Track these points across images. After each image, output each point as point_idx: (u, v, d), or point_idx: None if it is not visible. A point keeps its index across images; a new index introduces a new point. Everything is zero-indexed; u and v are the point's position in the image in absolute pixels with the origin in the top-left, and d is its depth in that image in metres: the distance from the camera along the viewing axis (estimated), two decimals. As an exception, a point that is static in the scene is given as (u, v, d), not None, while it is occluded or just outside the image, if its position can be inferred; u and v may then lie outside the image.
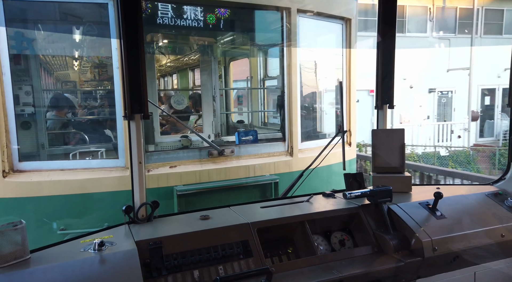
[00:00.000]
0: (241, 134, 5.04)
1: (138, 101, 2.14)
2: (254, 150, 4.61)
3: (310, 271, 2.00)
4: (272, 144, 4.81)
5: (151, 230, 2.06)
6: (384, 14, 2.78)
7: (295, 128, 4.79)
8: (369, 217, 2.36)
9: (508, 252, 2.47)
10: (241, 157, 4.47)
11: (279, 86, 5.05)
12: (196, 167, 4.14)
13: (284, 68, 4.75)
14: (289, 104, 4.77)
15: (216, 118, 5.97)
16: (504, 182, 2.89)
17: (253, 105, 7.86)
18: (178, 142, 5.00)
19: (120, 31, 2.06)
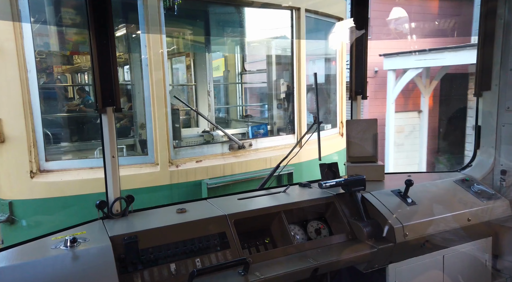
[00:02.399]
0: (253, 128, 5.27)
1: (110, 94, 2.09)
2: (268, 143, 4.78)
3: (287, 260, 2.03)
4: (282, 137, 5.02)
5: (126, 225, 2.03)
6: (357, 10, 2.83)
7: (303, 121, 4.99)
8: (344, 205, 2.41)
9: (474, 235, 2.60)
10: (258, 150, 4.69)
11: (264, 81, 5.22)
12: (220, 161, 4.29)
13: (294, 63, 4.90)
14: (298, 98, 4.93)
15: (211, 112, 6.05)
16: (471, 169, 3.02)
17: (231, 99, 7.90)
18: (200, 137, 5.12)
19: (89, 22, 2.00)
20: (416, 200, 2.45)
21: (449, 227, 2.39)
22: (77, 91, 7.94)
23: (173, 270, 1.83)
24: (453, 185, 2.72)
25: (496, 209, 2.58)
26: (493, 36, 2.82)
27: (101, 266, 1.67)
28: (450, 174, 2.98)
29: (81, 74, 11.20)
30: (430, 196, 2.55)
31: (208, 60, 6.48)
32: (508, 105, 2.81)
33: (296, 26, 4.81)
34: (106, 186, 2.15)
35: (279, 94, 5.38)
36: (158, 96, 3.80)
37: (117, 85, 2.13)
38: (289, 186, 2.64)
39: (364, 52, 2.87)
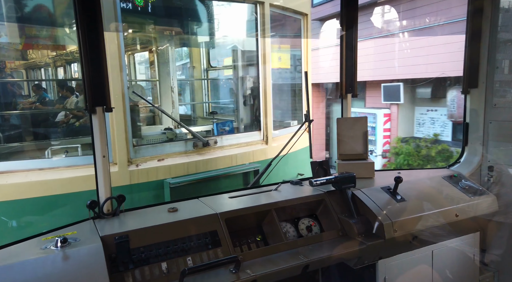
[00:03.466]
0: (219, 125, 5.16)
1: (100, 93, 2.08)
2: (234, 140, 4.70)
3: (278, 258, 2.05)
4: (248, 135, 4.93)
5: (117, 224, 2.03)
6: (346, 10, 2.85)
7: (269, 118, 4.92)
8: (334, 203, 2.44)
9: (462, 230, 2.64)
10: (224, 148, 4.56)
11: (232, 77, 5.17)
12: (183, 159, 4.16)
13: (259, 58, 4.81)
14: (264, 95, 4.85)
15: (175, 109, 5.89)
16: (459, 165, 3.07)
17: (197, 96, 7.81)
18: (162, 135, 5.00)
19: (78, 19, 1.98)
20: (405, 197, 2.48)
21: (438, 222, 2.43)
22: (33, 88, 7.69)
23: (164, 269, 1.84)
24: (442, 181, 2.76)
25: (483, 205, 2.63)
26: (480, 34, 2.87)
27: (92, 266, 1.67)
28: (438, 171, 3.02)
29: (37, 70, 10.86)
30: (419, 192, 2.59)
31: (172, 55, 6.29)
32: (495, 102, 2.86)
33: (261, 21, 4.73)
34: (97, 185, 2.14)
35: (245, 91, 5.33)
36: (115, 92, 3.64)
37: (108, 84, 2.12)
38: (281, 184, 2.66)
39: (354, 51, 2.89)
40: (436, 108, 10.33)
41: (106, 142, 2.15)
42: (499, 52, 2.80)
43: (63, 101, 6.67)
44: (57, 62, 9.57)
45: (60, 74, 10.27)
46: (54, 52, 8.19)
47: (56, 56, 8.74)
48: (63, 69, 9.97)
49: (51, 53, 8.55)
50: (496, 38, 2.80)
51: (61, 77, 10.13)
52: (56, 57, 8.89)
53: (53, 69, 10.05)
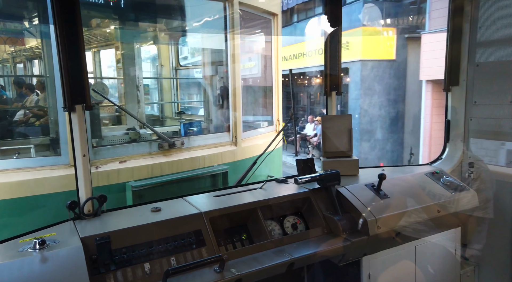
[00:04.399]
0: (186, 126, 4.97)
1: (80, 90, 2.02)
2: (202, 141, 4.55)
3: (263, 256, 2.04)
4: (218, 136, 4.79)
5: (98, 225, 1.98)
6: (330, 8, 2.85)
7: (239, 119, 4.78)
8: (319, 200, 2.44)
9: (444, 226, 2.69)
10: (191, 149, 4.40)
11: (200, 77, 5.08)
12: (148, 161, 3.98)
13: (228, 59, 4.68)
14: (233, 95, 4.71)
15: (141, 109, 5.64)
16: (441, 162, 3.12)
17: (165, 96, 7.60)
18: (125, 135, 4.70)
19: (55, 14, 1.92)
20: (389, 193, 2.51)
21: (420, 218, 2.47)
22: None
23: (147, 270, 1.80)
24: (424, 178, 2.81)
25: (464, 200, 2.69)
26: (461, 33, 2.92)
27: (72, 268, 1.63)
28: (421, 167, 3.07)
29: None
30: (402, 189, 2.62)
31: (138, 52, 6.05)
32: (475, 99, 2.92)
33: (230, 19, 4.61)
34: (77, 185, 2.08)
35: (215, 91, 5.23)
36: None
37: (87, 82, 2.06)
38: (266, 182, 2.65)
39: (338, 49, 2.90)
40: None
41: (86, 141, 2.10)
42: (479, 50, 2.85)
43: (22, 100, 6.38)
44: (16, 58, 9.18)
45: (20, 71, 9.86)
46: (12, 47, 7.85)
47: (15, 51, 8.41)
48: (23, 65, 9.60)
49: (9, 49, 8.20)
50: (476, 37, 2.85)
51: (21, 73, 9.71)
52: (15, 52, 8.56)
53: (12, 65, 9.67)
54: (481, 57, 2.86)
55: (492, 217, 2.80)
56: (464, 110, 2.98)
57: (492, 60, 2.79)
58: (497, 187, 2.79)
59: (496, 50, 2.76)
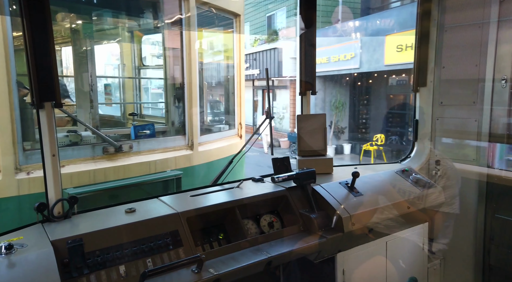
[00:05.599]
0: (137, 128, 4.69)
1: (49, 87, 1.93)
2: (154, 145, 4.32)
3: (240, 255, 2.04)
4: (172, 138, 4.58)
5: (69, 227, 1.91)
6: (305, 9, 2.89)
7: (195, 122, 4.59)
8: (296, 198, 2.47)
9: (413, 221, 2.81)
10: (141, 153, 4.14)
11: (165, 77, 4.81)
12: (90, 166, 3.67)
13: (184, 59, 4.52)
14: (189, 97, 4.54)
15: (94, 109, 5.31)
16: (410, 160, 3.25)
17: (127, 96, 7.33)
18: (65, 137, 4.34)
19: (22, 5, 1.82)
20: (362, 191, 2.58)
21: (391, 215, 2.56)
22: None
23: (122, 272, 1.75)
24: (394, 175, 2.91)
25: (431, 197, 2.81)
26: (428, 36, 3.05)
27: (42, 273, 1.55)
28: (392, 165, 3.18)
29: None
30: (374, 186, 2.71)
31: (90, 49, 5.61)
32: (441, 100, 3.06)
33: (185, 18, 4.46)
34: (46, 187, 1.99)
35: (172, 91, 5.05)
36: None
37: (57, 78, 1.97)
38: (242, 181, 2.65)
39: (313, 50, 2.95)
40: None
41: (55, 140, 2.01)
42: (445, 53, 2.99)
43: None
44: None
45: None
46: None
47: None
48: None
49: None
50: (443, 40, 2.99)
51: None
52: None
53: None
54: (447, 59, 3.00)
55: (457, 212, 2.95)
56: (431, 110, 3.12)
57: (457, 63, 2.94)
58: (462, 184, 2.94)
59: (461, 53, 2.91)
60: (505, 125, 2.71)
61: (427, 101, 3.13)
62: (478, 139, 2.86)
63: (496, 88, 2.73)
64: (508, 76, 2.66)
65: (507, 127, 2.70)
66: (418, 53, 3.10)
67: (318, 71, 5.87)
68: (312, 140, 2.93)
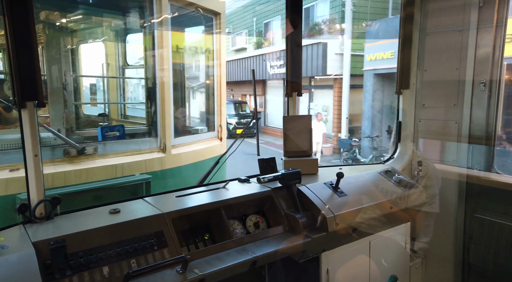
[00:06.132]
0: (105, 130, 4.43)
1: (31, 86, 1.90)
2: (121, 147, 4.11)
3: (226, 255, 2.05)
4: (143, 141, 4.39)
5: (52, 228, 1.88)
6: (291, 10, 2.92)
7: (168, 123, 4.37)
8: (281, 198, 2.50)
9: (395, 221, 2.86)
10: (107, 156, 3.91)
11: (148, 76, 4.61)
12: (48, 169, 3.43)
13: (155, 57, 4.30)
14: (161, 97, 4.32)
15: (68, 109, 5.08)
16: (393, 161, 3.32)
17: (111, 96, 7.15)
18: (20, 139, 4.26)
19: (3, 3, 1.79)
20: (346, 191, 2.62)
21: (375, 214, 2.61)
22: None
23: (106, 274, 1.74)
24: (378, 176, 2.97)
25: (413, 197, 2.88)
26: (411, 40, 3.12)
27: (23, 274, 1.53)
28: (375, 166, 3.24)
29: None
30: (358, 187, 2.75)
31: (64, 46, 5.39)
32: (423, 102, 3.14)
33: (157, 15, 4.23)
34: (28, 187, 1.96)
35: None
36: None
37: (39, 77, 1.95)
38: (228, 182, 2.66)
39: (299, 51, 2.98)
40: None
41: (38, 140, 1.98)
42: (427, 56, 3.07)
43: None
44: None
45: None
46: None
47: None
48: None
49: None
50: (425, 44, 3.06)
51: None
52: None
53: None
54: (429, 62, 3.07)
55: (438, 212, 3.02)
56: (414, 112, 3.19)
57: (439, 66, 3.02)
58: (443, 184, 3.02)
59: (442, 57, 2.99)
60: (483, 127, 2.79)
61: (410, 103, 3.20)
62: (458, 141, 2.94)
63: (475, 91, 2.81)
64: (486, 79, 2.75)
65: (485, 129, 2.78)
66: (401, 56, 3.17)
67: (377, 68, 5.29)
68: (298, 140, 2.96)
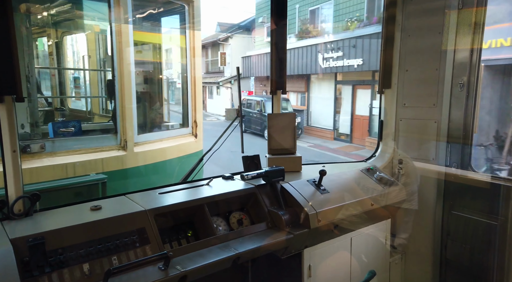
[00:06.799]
0: (57, 125, 4.10)
1: (9, 79, 1.86)
2: (75, 144, 3.81)
3: (208, 252, 2.05)
4: (100, 137, 4.08)
5: (30, 225, 1.85)
6: (276, 8, 2.93)
7: (130, 118, 4.09)
8: (265, 196, 2.52)
9: (376, 218, 2.93)
10: (56, 154, 3.59)
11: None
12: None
13: (114, 48, 4.00)
14: (121, 90, 4.03)
15: (32, 103, 4.70)
16: (375, 159, 3.38)
17: (93, 89, 6.90)
18: None
19: None
20: (329, 188, 2.66)
21: (356, 211, 2.65)
22: None
23: (86, 271, 1.72)
24: (360, 173, 3.02)
25: (393, 194, 2.94)
26: (393, 40, 3.18)
27: (0, 272, 1.50)
28: (358, 164, 3.29)
29: None
30: (340, 184, 2.80)
31: (28, 35, 5.05)
32: (404, 101, 3.20)
33: (115, 4, 3.99)
34: (6, 183, 1.91)
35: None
36: None
37: (18, 70, 1.90)
38: (212, 179, 2.66)
39: (284, 50, 2.99)
40: None
41: (16, 135, 1.93)
42: (408, 57, 3.13)
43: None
44: None
45: None
46: None
47: None
48: None
49: None
50: (406, 44, 3.13)
51: None
52: None
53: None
54: (410, 63, 3.14)
55: (416, 208, 3.10)
56: (395, 111, 3.26)
57: (420, 66, 3.09)
58: (422, 182, 3.09)
59: (423, 57, 3.06)
60: (461, 126, 2.87)
61: (391, 103, 3.27)
62: (438, 140, 3.02)
63: (454, 92, 2.89)
64: (464, 80, 2.83)
65: (463, 128, 2.87)
66: (383, 56, 3.23)
67: (487, 59, 4.04)
68: (282, 138, 2.98)
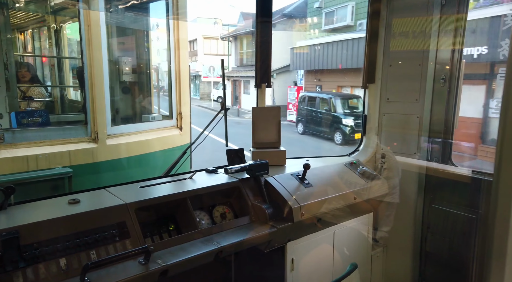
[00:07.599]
0: (21, 115, 3.85)
1: None
2: (39, 136, 3.59)
3: (191, 246, 2.02)
4: (68, 128, 3.87)
5: (4, 219, 1.78)
6: (261, 2, 2.90)
7: (101, 109, 3.92)
8: (248, 189, 2.50)
9: (359, 212, 2.95)
10: (17, 146, 3.40)
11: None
12: None
13: (82, 32, 3.81)
14: (91, 79, 3.81)
15: (11, 92, 4.51)
16: (358, 153, 3.41)
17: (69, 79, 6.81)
18: None
19: None
20: (312, 182, 2.67)
21: (339, 205, 2.67)
22: None
23: (63, 265, 1.67)
24: (343, 168, 3.04)
25: (376, 188, 2.97)
26: (378, 35, 3.19)
27: None
28: (341, 158, 3.31)
29: None
30: (324, 178, 2.81)
31: (5, 22, 4.86)
32: (387, 96, 3.23)
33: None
34: None
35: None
36: None
37: None
38: (196, 172, 2.63)
39: (269, 42, 2.97)
40: None
41: None
42: (392, 52, 3.15)
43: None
44: None
45: None
46: None
47: None
48: None
49: None
50: (390, 39, 3.15)
51: None
52: None
53: None
54: (393, 58, 3.16)
55: (398, 202, 3.15)
56: (378, 106, 3.28)
57: (403, 62, 3.11)
58: (404, 176, 3.14)
59: (406, 53, 3.08)
60: (443, 121, 2.92)
61: (375, 97, 3.29)
62: (420, 135, 3.06)
63: (436, 87, 2.93)
64: (446, 76, 2.87)
65: (444, 123, 2.91)
66: (368, 51, 3.24)
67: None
68: (266, 132, 2.97)
